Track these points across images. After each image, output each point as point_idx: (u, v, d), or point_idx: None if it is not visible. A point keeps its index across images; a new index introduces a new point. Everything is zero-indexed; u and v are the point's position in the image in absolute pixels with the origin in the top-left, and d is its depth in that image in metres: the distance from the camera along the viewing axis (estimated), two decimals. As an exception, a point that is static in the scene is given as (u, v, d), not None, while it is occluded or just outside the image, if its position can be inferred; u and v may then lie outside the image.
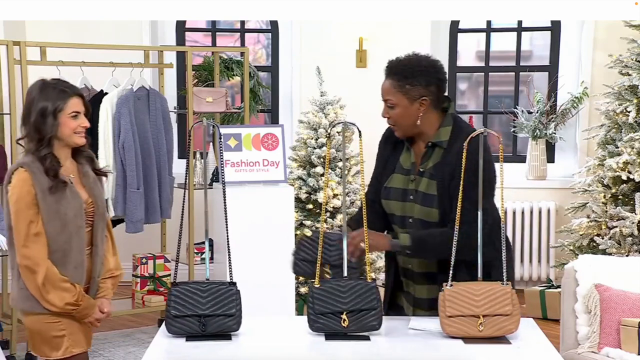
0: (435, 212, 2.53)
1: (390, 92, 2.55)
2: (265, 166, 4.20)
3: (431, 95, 2.53)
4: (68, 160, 2.63)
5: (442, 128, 2.56)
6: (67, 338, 2.60)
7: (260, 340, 2.41)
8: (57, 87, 2.59)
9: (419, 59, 2.57)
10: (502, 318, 2.35)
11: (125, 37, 5.44)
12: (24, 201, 2.51)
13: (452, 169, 2.50)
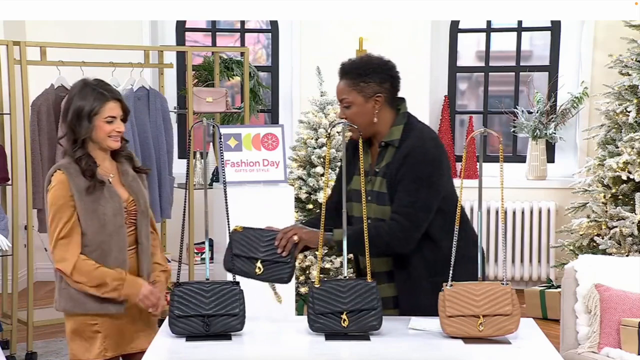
0: (389, 209, 2.57)
1: (345, 91, 2.59)
2: (265, 166, 4.20)
3: (385, 93, 2.59)
4: (107, 160, 2.64)
5: (395, 127, 2.61)
6: (102, 340, 2.59)
7: (260, 340, 2.41)
8: (96, 90, 2.57)
9: (371, 58, 2.64)
10: (502, 318, 2.35)
11: (126, 37, 5.45)
12: (59, 203, 2.53)
13: (399, 165, 2.55)
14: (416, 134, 2.59)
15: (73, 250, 2.52)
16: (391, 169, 2.57)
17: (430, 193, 2.54)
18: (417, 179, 2.52)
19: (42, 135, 4.50)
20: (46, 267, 5.76)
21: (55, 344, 4.59)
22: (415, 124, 2.64)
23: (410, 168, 2.54)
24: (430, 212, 2.55)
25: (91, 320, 2.58)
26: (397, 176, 2.55)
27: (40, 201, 4.54)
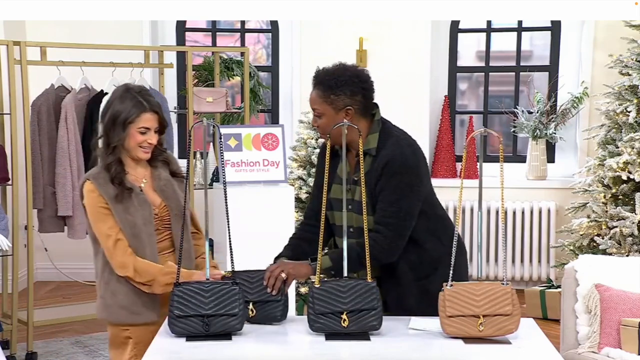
0: (371, 218, 2.56)
1: (316, 101, 2.59)
2: (265, 166, 4.20)
3: (356, 105, 2.57)
4: (140, 165, 2.62)
5: (370, 135, 2.60)
6: (133, 347, 2.59)
7: (260, 340, 2.40)
8: (136, 98, 2.54)
9: (345, 69, 2.59)
10: (502, 318, 2.35)
11: (126, 37, 5.45)
12: (95, 213, 2.53)
13: (378, 175, 2.55)
14: (393, 142, 2.58)
15: (127, 253, 2.52)
16: (370, 178, 2.56)
17: (412, 200, 2.56)
18: (397, 189, 2.53)
19: (42, 135, 4.51)
20: (46, 267, 5.78)
21: (55, 344, 4.60)
22: (392, 130, 2.63)
23: (389, 178, 2.54)
24: (413, 219, 2.57)
25: (123, 327, 2.59)
26: (376, 186, 2.55)
27: (40, 201, 4.56)
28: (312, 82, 2.62)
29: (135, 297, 2.56)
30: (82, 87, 4.62)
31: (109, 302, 2.58)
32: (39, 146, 4.50)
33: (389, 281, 2.60)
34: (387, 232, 2.54)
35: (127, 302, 2.57)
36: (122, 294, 2.57)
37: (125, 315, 2.57)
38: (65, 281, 5.85)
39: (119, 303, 2.57)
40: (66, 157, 4.48)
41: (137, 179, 2.60)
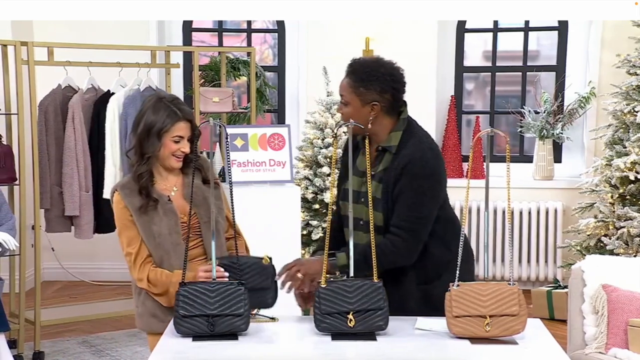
0: (380, 215, 2.58)
1: (345, 89, 2.59)
2: (271, 166, 4.21)
3: (384, 102, 2.57)
4: (172, 173, 2.64)
5: (393, 133, 2.60)
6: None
7: (266, 340, 2.41)
8: (170, 107, 2.55)
9: (380, 64, 2.59)
10: (509, 318, 2.35)
11: (132, 37, 5.46)
12: (121, 223, 2.58)
13: (397, 174, 2.55)
14: (414, 143, 2.58)
15: (146, 266, 2.57)
16: (388, 176, 2.57)
17: (432, 206, 2.57)
18: (419, 193, 2.53)
19: (49, 136, 4.54)
20: (53, 267, 5.81)
21: (62, 344, 4.62)
22: (415, 131, 2.62)
23: (410, 180, 2.53)
24: (431, 224, 2.58)
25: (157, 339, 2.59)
26: (395, 186, 2.55)
27: (48, 201, 4.58)
28: (346, 69, 2.61)
29: (161, 305, 2.59)
30: (89, 87, 4.64)
31: (141, 311, 2.64)
32: (46, 146, 4.52)
33: (391, 283, 2.59)
34: (407, 236, 2.54)
35: (156, 310, 2.60)
36: (150, 302, 2.61)
37: (156, 324, 2.60)
38: (72, 281, 5.87)
39: (149, 312, 2.62)
40: (73, 157, 4.50)
41: (167, 188, 2.61)
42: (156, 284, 2.55)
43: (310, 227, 4.92)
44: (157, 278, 2.55)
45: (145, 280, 2.55)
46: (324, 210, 4.98)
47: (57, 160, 4.54)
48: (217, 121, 2.56)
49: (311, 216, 4.98)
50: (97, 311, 4.87)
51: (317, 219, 4.95)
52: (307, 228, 4.91)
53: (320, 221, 4.94)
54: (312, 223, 4.92)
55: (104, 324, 4.84)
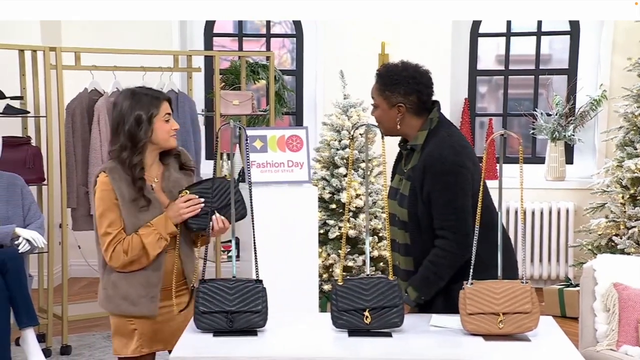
0: (405, 212, 2.66)
1: (374, 93, 2.72)
2: (289, 167, 4.22)
3: (409, 104, 2.66)
4: (155, 164, 2.69)
5: (420, 132, 2.68)
6: (138, 338, 2.67)
7: (285, 336, 2.43)
8: (149, 94, 2.64)
9: (404, 68, 2.68)
10: (521, 316, 2.36)
11: (156, 42, 5.53)
12: (105, 205, 2.58)
13: (421, 173, 2.62)
14: (436, 141, 2.63)
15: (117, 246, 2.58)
16: (415, 174, 2.64)
17: (463, 197, 2.59)
18: (446, 189, 2.57)
19: (76, 137, 4.59)
20: (80, 264, 5.81)
21: (89, 338, 4.70)
22: (441, 130, 2.67)
23: (433, 180, 2.58)
24: (470, 214, 2.57)
25: (128, 320, 2.66)
26: (423, 186, 2.61)
27: (74, 200, 4.63)
28: (375, 74, 2.73)
29: (134, 288, 2.62)
30: (114, 90, 4.68)
31: (111, 294, 2.64)
32: (73, 147, 4.58)
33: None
34: (451, 234, 2.58)
35: (127, 293, 2.62)
36: (123, 285, 2.62)
37: (126, 306, 2.62)
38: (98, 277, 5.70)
39: (120, 294, 2.63)
40: (98, 158, 4.56)
41: (149, 178, 2.65)
42: (132, 249, 2.55)
43: (327, 227, 4.96)
44: (130, 244, 2.56)
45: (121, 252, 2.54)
46: (341, 210, 5.00)
47: (83, 161, 4.60)
48: (237, 123, 2.59)
49: (328, 216, 5.01)
50: None
51: (334, 219, 4.98)
52: (324, 227, 4.94)
53: (337, 220, 4.97)
54: (329, 222, 4.95)
55: None
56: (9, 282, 3.78)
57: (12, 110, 4.48)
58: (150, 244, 2.58)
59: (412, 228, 2.67)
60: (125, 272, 2.63)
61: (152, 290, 2.63)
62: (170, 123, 2.66)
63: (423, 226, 2.64)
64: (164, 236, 2.60)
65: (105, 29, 5.73)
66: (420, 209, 2.63)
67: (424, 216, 2.63)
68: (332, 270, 4.97)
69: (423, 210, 2.62)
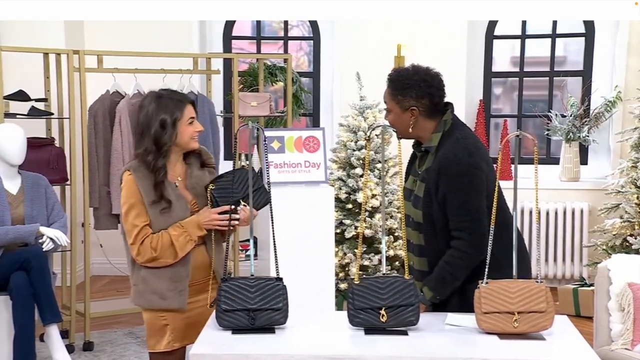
0: (420, 213, 2.69)
1: (387, 98, 2.75)
2: (306, 167, 4.25)
3: (422, 107, 2.68)
4: (179, 163, 2.75)
5: (434, 134, 2.70)
6: (170, 332, 2.73)
7: (302, 334, 2.46)
8: (173, 98, 2.69)
9: (415, 72, 2.71)
10: (536, 315, 2.37)
11: (176, 45, 5.57)
12: (133, 199, 2.65)
13: (435, 175, 2.64)
14: (450, 143, 2.65)
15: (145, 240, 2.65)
16: (430, 175, 2.67)
17: (478, 198, 2.61)
18: (460, 191, 2.59)
19: (98, 138, 4.65)
20: (102, 263, 5.89)
21: (111, 335, 4.76)
22: (455, 132, 2.68)
23: (448, 182, 2.61)
24: (485, 215, 2.59)
25: (160, 315, 2.72)
26: (438, 187, 2.63)
27: (96, 200, 4.68)
28: (386, 79, 2.76)
29: (163, 283, 2.67)
30: (135, 92, 4.74)
31: (141, 289, 2.70)
32: (95, 148, 4.63)
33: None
34: (467, 235, 2.60)
35: (157, 287, 2.67)
36: (152, 280, 2.68)
37: (157, 301, 2.68)
38: (119, 275, 5.88)
39: (150, 289, 2.68)
40: (120, 158, 4.61)
41: (173, 177, 2.72)
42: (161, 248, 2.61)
43: (344, 226, 4.98)
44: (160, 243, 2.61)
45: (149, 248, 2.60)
46: (357, 209, 5.02)
47: (105, 162, 4.65)
48: (255, 124, 2.63)
49: (344, 215, 5.03)
50: None
51: (350, 218, 5.01)
52: (340, 227, 4.97)
53: (353, 220, 4.99)
54: (346, 222, 4.98)
55: None
56: (33, 279, 3.85)
57: (36, 112, 4.55)
58: (180, 244, 2.64)
59: (426, 229, 2.69)
60: (152, 267, 2.68)
61: (180, 284, 2.69)
62: (193, 125, 2.71)
63: (438, 227, 2.66)
64: (194, 238, 2.67)
65: (127, 33, 5.79)
66: (435, 210, 2.65)
67: (438, 218, 2.65)
68: (348, 269, 4.99)
69: (438, 212, 2.65)
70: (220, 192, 2.69)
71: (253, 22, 6.41)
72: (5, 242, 3.88)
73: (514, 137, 2.44)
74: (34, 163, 4.29)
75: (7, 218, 3.93)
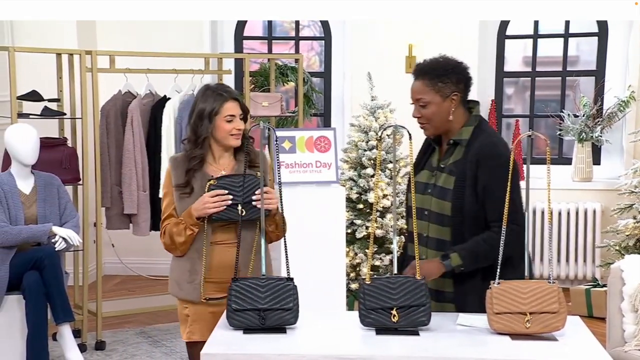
0: (449, 205, 2.65)
1: (423, 91, 2.67)
2: (317, 167, 4.26)
3: (460, 92, 2.67)
4: (226, 157, 2.76)
5: (465, 127, 2.69)
6: (190, 323, 2.77)
7: (313, 334, 2.46)
8: (216, 91, 2.71)
9: (447, 59, 2.72)
10: (549, 315, 2.36)
11: (187, 45, 5.59)
12: (164, 192, 2.78)
13: (473, 167, 2.62)
14: (485, 137, 2.66)
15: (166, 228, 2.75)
16: (461, 168, 2.65)
17: (519, 191, 2.62)
18: (503, 182, 2.53)
19: (110, 138, 4.68)
20: (114, 262, 5.95)
21: (122, 334, 4.79)
22: (485, 128, 2.71)
23: (490, 174, 2.59)
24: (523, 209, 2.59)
25: (184, 305, 2.78)
26: (476, 180, 2.61)
27: (108, 200, 4.72)
28: (415, 73, 2.70)
29: (182, 273, 2.74)
30: (146, 92, 4.78)
31: (170, 276, 2.81)
32: (107, 148, 4.67)
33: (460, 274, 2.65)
34: (515, 226, 2.55)
35: (177, 277, 2.76)
36: (175, 269, 2.78)
37: (177, 290, 2.77)
38: (131, 275, 6.00)
39: (174, 277, 2.78)
40: (132, 158, 4.64)
41: (216, 170, 2.73)
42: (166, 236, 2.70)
43: (355, 226, 4.97)
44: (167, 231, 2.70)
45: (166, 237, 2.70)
46: (368, 210, 5.01)
47: (117, 162, 4.68)
48: (266, 124, 2.64)
49: (355, 215, 5.02)
50: (154, 304, 5.00)
51: (361, 219, 4.99)
52: (351, 227, 4.96)
53: (364, 220, 4.98)
54: (357, 222, 4.96)
55: (160, 316, 4.98)
56: (46, 278, 3.88)
57: (49, 112, 4.58)
58: (176, 231, 2.70)
59: (455, 222, 2.66)
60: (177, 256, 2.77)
61: (195, 277, 2.72)
62: (233, 123, 2.70)
63: (467, 219, 2.63)
64: (188, 226, 2.69)
65: (139, 33, 5.81)
66: (469, 202, 2.62)
67: (470, 209, 2.62)
68: (359, 269, 4.99)
69: (472, 204, 2.62)
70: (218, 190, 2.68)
71: (264, 22, 6.43)
72: (19, 241, 3.91)
73: (525, 137, 2.44)
74: (46, 163, 4.32)
75: (21, 217, 3.96)
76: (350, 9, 5.44)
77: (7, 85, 4.38)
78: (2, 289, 3.88)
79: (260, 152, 2.76)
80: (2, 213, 3.91)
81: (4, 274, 3.88)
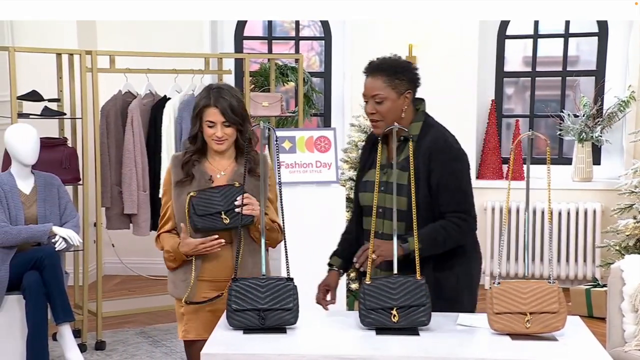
0: (405, 200, 2.65)
1: (380, 87, 2.71)
2: (317, 167, 4.28)
3: (413, 90, 2.74)
4: (224, 158, 2.75)
5: (414, 124, 2.75)
6: (185, 322, 2.78)
7: (313, 334, 2.47)
8: (209, 93, 2.69)
9: (400, 59, 2.81)
10: (549, 315, 2.36)
11: (187, 45, 5.60)
12: (163, 189, 2.82)
13: (425, 161, 2.66)
14: (435, 132, 2.73)
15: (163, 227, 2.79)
16: (416, 163, 2.65)
17: (469, 183, 2.73)
18: (455, 175, 2.67)
19: (110, 138, 4.69)
20: (114, 262, 5.96)
21: (122, 334, 4.79)
22: (433, 123, 2.78)
23: (442, 167, 2.67)
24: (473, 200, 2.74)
25: (180, 304, 2.78)
26: (430, 174, 2.66)
27: (108, 200, 4.72)
28: (370, 70, 2.75)
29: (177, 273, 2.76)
30: (147, 92, 4.79)
31: (168, 276, 2.83)
32: (107, 148, 4.67)
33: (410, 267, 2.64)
34: (465, 216, 2.68)
35: (173, 276, 2.79)
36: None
37: (172, 288, 2.79)
38: (131, 275, 6.01)
39: (170, 276, 2.80)
40: (132, 158, 4.64)
41: (214, 169, 2.73)
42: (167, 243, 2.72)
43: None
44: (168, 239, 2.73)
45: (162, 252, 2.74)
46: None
47: (117, 162, 4.69)
48: (266, 124, 2.63)
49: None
50: (154, 304, 5.00)
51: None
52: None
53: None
54: None
55: (160, 316, 4.99)
56: (46, 278, 3.88)
57: (49, 112, 4.58)
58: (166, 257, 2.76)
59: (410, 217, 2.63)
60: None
61: (188, 276, 2.73)
62: (213, 129, 2.68)
63: (422, 212, 2.64)
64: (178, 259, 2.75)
65: (139, 33, 5.82)
66: (422, 196, 2.66)
67: (425, 202, 2.66)
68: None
69: (426, 197, 2.67)
70: (200, 201, 2.68)
71: (264, 22, 6.43)
72: (19, 241, 3.91)
73: (526, 137, 2.45)
74: (46, 163, 4.32)
75: (21, 218, 3.96)
76: (350, 9, 5.45)
77: (7, 85, 4.39)
78: (2, 289, 3.88)
79: (261, 154, 2.75)
80: (2, 213, 3.91)
81: (4, 274, 3.88)
